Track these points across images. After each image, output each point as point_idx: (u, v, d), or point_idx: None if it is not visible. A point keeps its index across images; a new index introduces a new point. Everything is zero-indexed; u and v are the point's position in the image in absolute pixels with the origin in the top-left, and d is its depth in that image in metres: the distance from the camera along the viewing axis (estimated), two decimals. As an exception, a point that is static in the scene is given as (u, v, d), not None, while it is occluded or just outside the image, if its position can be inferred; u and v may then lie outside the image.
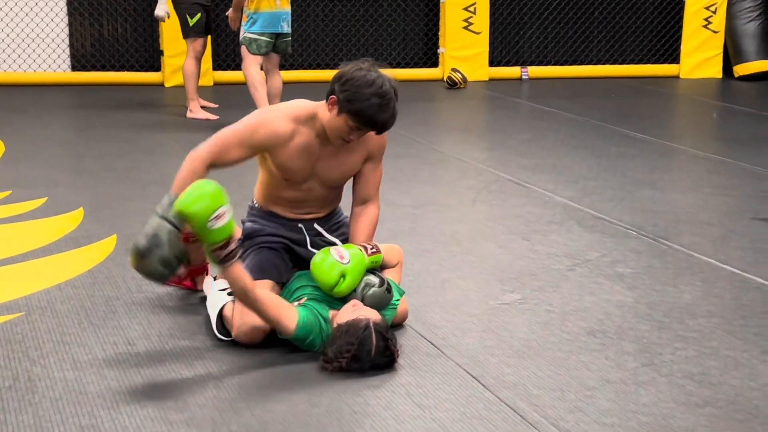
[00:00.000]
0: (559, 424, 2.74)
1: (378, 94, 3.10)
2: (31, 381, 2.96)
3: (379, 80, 3.13)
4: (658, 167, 6.21)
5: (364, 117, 3.11)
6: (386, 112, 3.12)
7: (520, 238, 4.57)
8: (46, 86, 9.22)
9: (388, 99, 3.12)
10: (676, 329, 3.46)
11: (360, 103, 3.09)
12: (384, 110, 3.11)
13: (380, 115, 3.11)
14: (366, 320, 3.02)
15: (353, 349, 2.97)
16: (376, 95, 3.10)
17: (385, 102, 3.11)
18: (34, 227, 4.60)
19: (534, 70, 10.40)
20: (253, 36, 6.89)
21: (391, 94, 3.14)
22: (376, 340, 3.00)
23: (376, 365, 3.02)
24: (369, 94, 3.09)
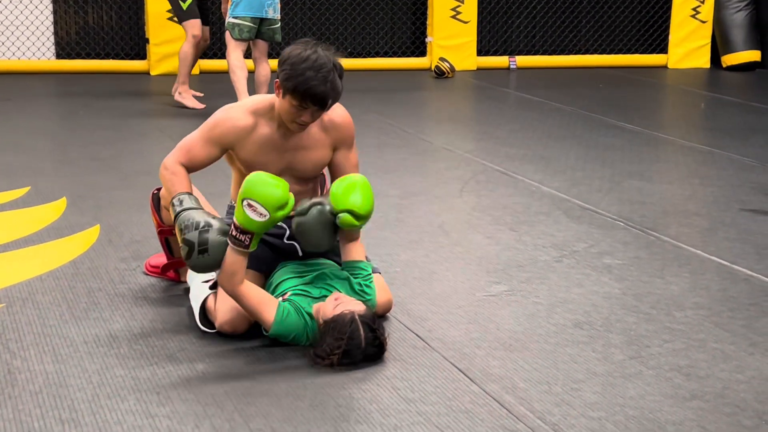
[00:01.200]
0: (545, 417, 2.72)
1: (312, 67, 3.08)
2: (11, 373, 2.91)
3: (314, 55, 3.11)
4: (646, 158, 6.20)
5: (301, 92, 3.08)
6: (322, 84, 3.08)
7: (508, 228, 4.54)
8: (30, 74, 9.14)
9: (325, 72, 3.09)
10: (664, 321, 3.44)
11: (296, 78, 3.08)
12: (320, 82, 3.08)
13: (317, 87, 3.07)
14: (351, 313, 2.98)
15: (343, 344, 2.94)
16: (311, 68, 3.08)
17: (321, 75, 3.08)
18: (16, 217, 4.55)
19: (522, 60, 10.37)
20: (236, 21, 6.80)
21: (328, 67, 3.10)
22: (364, 332, 2.96)
23: (367, 357, 2.99)
24: (303, 68, 3.08)
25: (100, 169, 5.54)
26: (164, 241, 3.59)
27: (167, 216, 3.49)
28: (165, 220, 3.51)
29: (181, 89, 7.52)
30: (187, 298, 3.50)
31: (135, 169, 5.56)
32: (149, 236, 4.18)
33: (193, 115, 7.31)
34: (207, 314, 3.26)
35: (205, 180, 5.23)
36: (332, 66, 3.13)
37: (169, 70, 9.28)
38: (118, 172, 5.49)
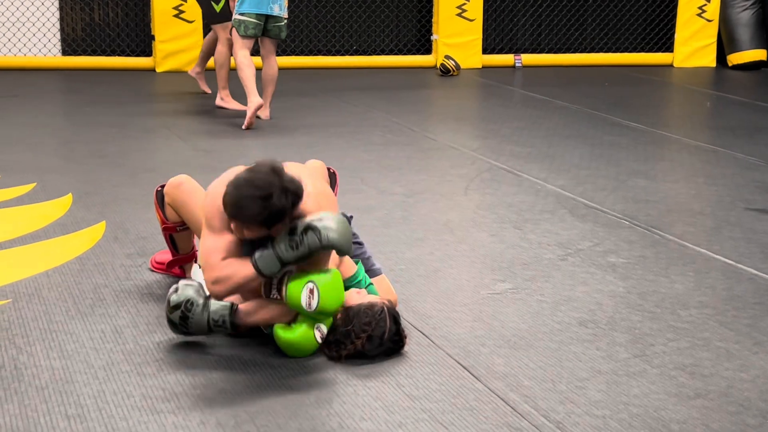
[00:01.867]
0: (549, 415, 2.72)
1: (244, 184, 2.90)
2: (17, 369, 2.93)
3: (255, 178, 2.89)
4: (651, 156, 6.19)
5: (227, 208, 2.94)
6: (241, 207, 2.88)
7: (512, 227, 4.55)
8: (36, 71, 9.16)
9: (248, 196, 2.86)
10: (668, 320, 3.45)
11: (226, 197, 2.94)
12: (240, 205, 2.89)
13: (236, 207, 2.89)
14: (382, 303, 3.04)
15: (369, 329, 2.98)
16: (243, 185, 2.90)
17: (243, 197, 2.87)
18: (22, 213, 4.56)
19: (527, 58, 10.36)
20: (241, 18, 6.75)
21: (239, 181, 2.90)
22: (389, 323, 3.01)
23: (384, 350, 3.02)
24: (236, 186, 2.91)
25: (106, 166, 5.55)
26: (169, 238, 3.60)
27: (171, 213, 3.50)
28: (169, 216, 3.52)
29: (221, 94, 7.49)
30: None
31: (140, 166, 5.57)
32: (155, 233, 4.19)
33: (196, 113, 7.32)
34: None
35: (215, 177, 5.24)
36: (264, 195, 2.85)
37: (174, 67, 9.30)
38: (124, 169, 5.50)
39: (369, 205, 4.81)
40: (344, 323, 3.02)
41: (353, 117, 7.34)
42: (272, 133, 6.64)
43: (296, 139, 6.46)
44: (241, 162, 3.62)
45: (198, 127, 6.78)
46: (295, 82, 8.86)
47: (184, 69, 9.19)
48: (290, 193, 2.86)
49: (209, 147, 6.18)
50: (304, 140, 6.40)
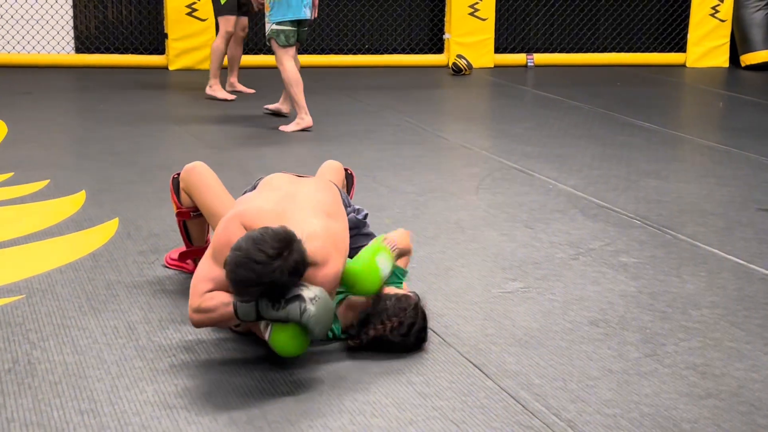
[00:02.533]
0: (560, 413, 2.73)
1: (250, 257, 2.79)
2: (30, 364, 2.95)
3: (261, 254, 2.79)
4: (663, 157, 6.18)
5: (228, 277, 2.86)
6: (243, 279, 2.81)
7: (524, 226, 4.55)
8: (50, 68, 9.20)
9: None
10: (680, 320, 3.45)
11: (227, 265, 2.84)
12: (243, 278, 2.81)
13: (238, 277, 2.81)
14: (416, 299, 3.11)
15: (402, 316, 3.02)
16: (248, 258, 2.79)
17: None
18: (36, 209, 4.59)
19: (540, 58, 10.36)
20: (280, 28, 6.48)
21: (239, 257, 2.79)
22: (420, 318, 3.07)
23: (407, 344, 3.05)
24: (241, 256, 2.80)
25: (119, 163, 5.58)
26: (182, 225, 3.61)
27: (185, 198, 3.52)
28: (183, 201, 3.54)
29: (211, 82, 7.51)
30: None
31: (153, 164, 5.59)
32: (167, 230, 4.21)
33: (209, 111, 7.34)
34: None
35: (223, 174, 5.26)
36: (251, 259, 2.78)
37: (187, 65, 9.33)
38: (136, 166, 5.53)
39: (381, 204, 4.81)
40: (375, 305, 3.06)
41: (365, 116, 7.35)
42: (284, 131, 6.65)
43: (308, 137, 6.48)
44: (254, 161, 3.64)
45: (211, 125, 6.80)
46: (307, 81, 8.85)
47: (196, 67, 9.23)
48: (291, 278, 2.80)
49: (222, 144, 6.20)
50: (316, 138, 6.42)
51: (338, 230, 3.13)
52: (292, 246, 2.81)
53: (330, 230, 3.08)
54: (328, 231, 3.06)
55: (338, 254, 3.05)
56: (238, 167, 5.51)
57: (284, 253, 2.78)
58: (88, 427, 2.58)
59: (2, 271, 3.75)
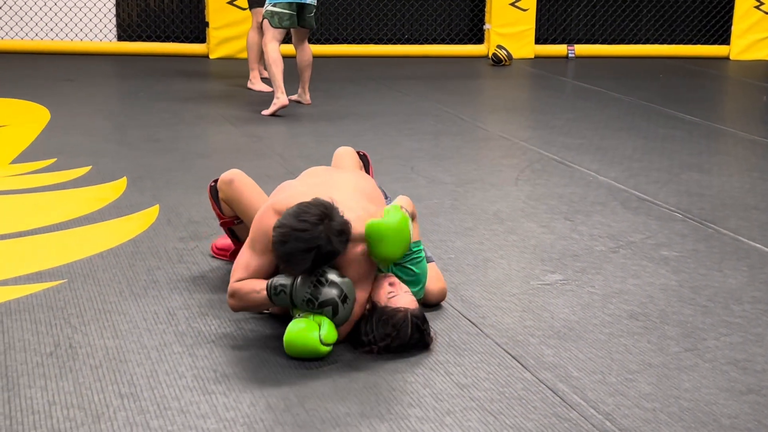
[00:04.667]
0: (599, 407, 2.71)
1: (294, 227, 2.90)
2: (72, 348, 2.98)
3: (304, 227, 2.89)
4: (706, 150, 6.11)
5: (274, 250, 2.97)
6: (290, 259, 2.91)
7: (563, 218, 4.52)
8: (92, 56, 9.28)
9: (298, 249, 2.88)
10: (721, 314, 3.41)
11: (275, 237, 2.94)
12: (290, 257, 2.91)
13: (286, 256, 2.91)
14: (404, 311, 2.99)
15: (389, 340, 2.96)
16: (292, 228, 2.89)
17: (294, 254, 2.89)
18: (77, 195, 4.64)
19: (581, 49, 10.27)
20: (275, 9, 6.60)
21: (285, 230, 2.88)
22: (411, 332, 2.98)
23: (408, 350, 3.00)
24: (285, 227, 2.91)
25: (160, 151, 5.62)
26: (228, 231, 3.64)
27: (227, 208, 3.54)
28: (225, 212, 3.56)
29: (251, 77, 7.53)
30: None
31: (193, 151, 5.62)
32: (207, 217, 4.23)
33: (248, 99, 7.36)
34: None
35: (263, 162, 5.29)
36: (309, 247, 2.88)
37: (227, 53, 9.37)
38: (177, 153, 5.57)
39: (419, 194, 4.81)
40: (367, 324, 3.01)
41: (404, 106, 7.33)
42: (322, 120, 6.66)
43: (346, 127, 6.48)
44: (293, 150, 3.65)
45: (250, 114, 6.83)
46: (345, 71, 8.88)
47: (237, 56, 9.27)
48: (338, 240, 2.89)
49: (261, 133, 6.22)
50: (354, 129, 6.42)
51: (376, 213, 3.15)
52: (332, 211, 2.91)
53: (369, 211, 3.12)
54: (367, 211, 3.10)
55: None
56: (277, 156, 5.53)
57: (325, 219, 2.88)
58: (128, 410, 2.60)
59: (44, 255, 3.79)
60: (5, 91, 7.25)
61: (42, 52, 9.19)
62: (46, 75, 8.15)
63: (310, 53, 6.98)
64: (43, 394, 2.68)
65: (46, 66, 8.60)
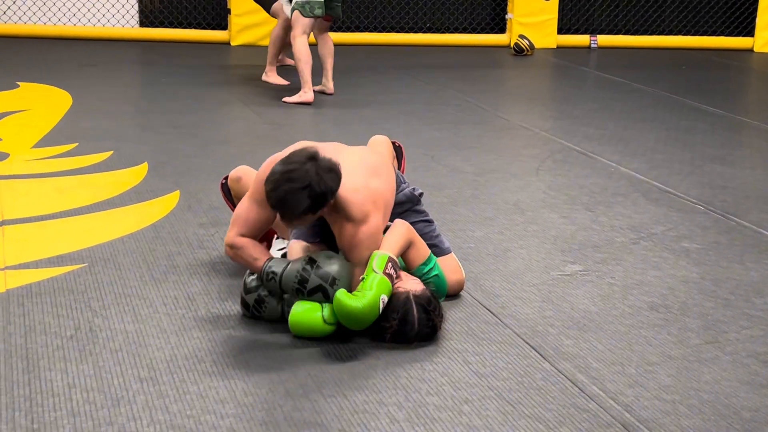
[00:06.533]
0: (618, 398, 2.70)
1: (279, 171, 2.91)
2: (92, 331, 3.00)
3: (290, 167, 2.90)
4: (728, 142, 6.07)
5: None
6: (276, 193, 2.89)
7: (584, 208, 4.50)
8: (114, 41, 9.31)
9: (284, 186, 2.88)
10: (742, 307, 3.39)
11: (266, 184, 2.95)
12: (275, 192, 2.89)
13: (272, 195, 2.91)
14: (405, 293, 2.98)
15: (395, 323, 2.94)
16: (277, 173, 2.91)
17: (280, 187, 2.88)
18: (99, 180, 4.66)
19: (603, 39, 10.21)
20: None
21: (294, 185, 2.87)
22: (417, 313, 2.95)
23: (420, 337, 2.97)
24: (273, 174, 2.92)
25: (181, 136, 5.63)
26: None
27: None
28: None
29: (267, 70, 7.53)
30: (263, 265, 3.54)
31: (214, 138, 5.63)
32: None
33: (269, 86, 7.36)
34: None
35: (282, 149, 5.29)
36: (282, 179, 2.89)
37: (249, 41, 9.37)
38: (198, 139, 5.58)
39: (439, 183, 4.80)
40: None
41: (425, 95, 7.32)
42: (344, 108, 6.66)
43: (367, 114, 6.47)
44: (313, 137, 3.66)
45: (270, 101, 6.83)
46: (367, 59, 8.86)
47: (258, 43, 9.26)
48: (328, 176, 2.89)
49: (281, 120, 6.22)
50: (375, 116, 6.41)
51: (380, 187, 3.14)
52: (318, 154, 2.93)
53: (371, 186, 3.10)
54: (368, 187, 3.09)
55: (377, 211, 3.07)
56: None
57: (313, 159, 2.90)
58: (147, 394, 2.62)
59: (66, 239, 3.81)
60: (28, 75, 7.28)
61: (65, 38, 9.22)
62: (68, 60, 8.18)
63: (332, 42, 6.96)
64: (63, 376, 2.70)
65: (69, 51, 8.63)
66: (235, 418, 2.52)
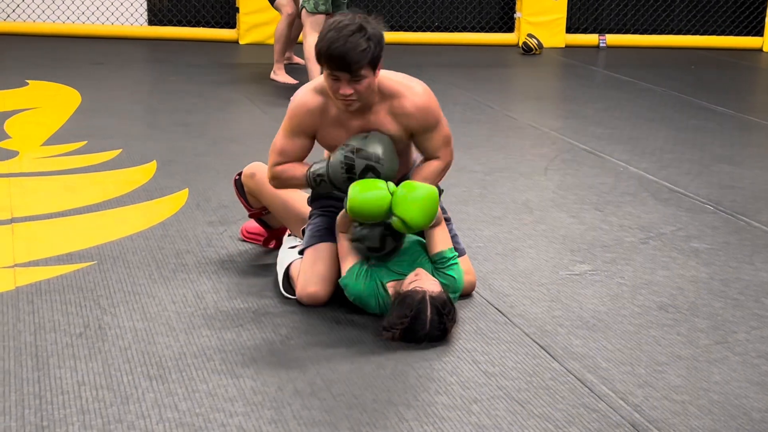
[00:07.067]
0: (627, 398, 2.69)
1: (334, 28, 2.98)
2: (101, 329, 3.00)
3: (341, 18, 3.01)
4: (738, 142, 6.05)
5: (322, 57, 2.99)
6: (340, 42, 2.94)
7: (593, 208, 4.49)
8: (122, 39, 9.32)
9: (345, 32, 2.96)
10: (752, 308, 3.38)
11: (320, 43, 3.00)
12: (337, 41, 2.95)
13: (333, 45, 2.95)
14: (422, 292, 2.97)
15: (407, 321, 2.93)
16: (332, 30, 2.98)
17: (341, 35, 2.95)
18: (108, 178, 4.66)
19: (612, 38, 10.19)
20: None
21: (350, 28, 2.96)
22: (431, 314, 2.94)
23: (430, 338, 2.96)
24: (325, 33, 3.00)
25: (189, 135, 5.64)
26: (258, 221, 3.66)
27: (253, 200, 3.57)
28: (252, 204, 3.58)
29: (275, 68, 7.53)
30: (274, 266, 3.54)
31: (223, 136, 5.64)
32: (236, 202, 4.22)
33: (277, 85, 7.37)
34: (290, 280, 3.30)
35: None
36: (357, 27, 2.98)
37: (257, 39, 9.37)
38: (207, 138, 5.58)
39: (448, 182, 4.76)
40: (389, 310, 3.01)
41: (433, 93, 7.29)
42: (352, 107, 6.64)
43: (376, 113, 6.46)
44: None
45: (279, 99, 6.83)
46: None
47: (267, 42, 9.26)
48: (377, 22, 3.03)
49: (290, 119, 6.21)
50: (384, 115, 6.39)
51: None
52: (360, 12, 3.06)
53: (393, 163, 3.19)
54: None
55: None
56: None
57: (360, 14, 3.03)
58: (156, 392, 2.62)
59: (75, 237, 3.82)
60: (37, 73, 7.30)
61: (73, 36, 9.24)
62: (77, 58, 8.20)
63: None
64: (72, 374, 2.70)
65: (78, 49, 8.64)
66: (244, 417, 2.52)
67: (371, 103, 3.12)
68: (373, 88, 3.08)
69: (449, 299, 3.03)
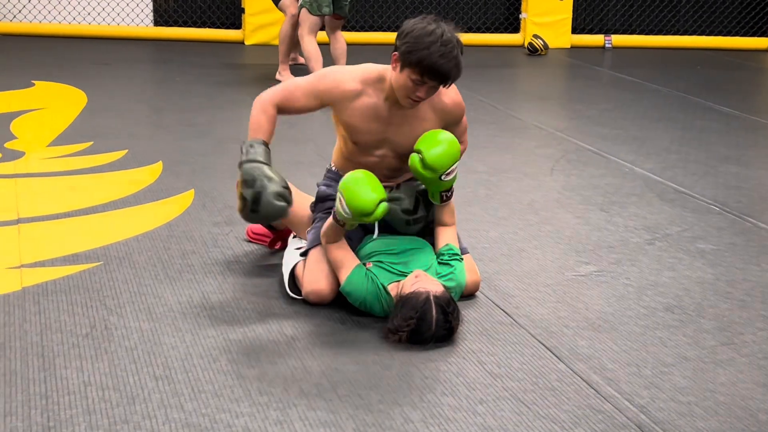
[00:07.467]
0: (633, 399, 2.69)
1: (438, 41, 3.01)
2: (107, 330, 3.00)
3: (439, 30, 3.04)
4: (744, 142, 6.04)
5: (424, 66, 3.01)
6: (447, 59, 3.01)
7: (598, 209, 4.49)
8: (128, 40, 9.33)
9: (450, 47, 3.02)
10: (758, 309, 3.37)
11: (420, 52, 3.01)
12: (445, 57, 3.01)
13: (441, 61, 3.01)
14: (426, 293, 2.97)
15: (412, 323, 2.93)
16: (436, 42, 3.01)
17: (448, 50, 3.01)
18: (114, 178, 4.67)
19: (618, 39, 10.18)
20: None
21: (453, 43, 3.04)
22: (436, 314, 2.94)
23: (436, 338, 2.96)
24: (429, 42, 3.01)
25: (195, 135, 5.64)
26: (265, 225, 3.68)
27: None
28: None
29: (280, 69, 7.53)
30: (279, 267, 3.54)
31: (228, 136, 5.64)
32: (242, 202, 4.25)
33: (286, 85, 7.36)
34: (296, 281, 3.31)
35: (296, 149, 5.30)
36: (456, 43, 3.06)
37: (263, 40, 9.38)
38: (212, 138, 5.58)
39: (453, 183, 4.78)
40: (393, 313, 3.01)
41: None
42: (358, 107, 6.65)
43: (382, 114, 6.46)
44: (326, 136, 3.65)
45: (285, 100, 6.83)
46: (381, 58, 8.83)
47: (272, 43, 9.27)
48: (456, 30, 3.13)
49: (294, 119, 6.20)
50: (390, 116, 6.40)
51: None
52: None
53: None
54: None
55: None
56: (311, 142, 5.53)
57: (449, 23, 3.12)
58: (162, 392, 2.62)
59: (81, 238, 3.82)
60: (43, 74, 7.31)
61: (79, 37, 9.25)
62: (83, 59, 8.21)
63: (344, 42, 6.97)
64: (78, 374, 2.71)
65: (84, 50, 8.65)
66: (250, 417, 2.52)
67: None
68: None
69: (452, 298, 3.04)
